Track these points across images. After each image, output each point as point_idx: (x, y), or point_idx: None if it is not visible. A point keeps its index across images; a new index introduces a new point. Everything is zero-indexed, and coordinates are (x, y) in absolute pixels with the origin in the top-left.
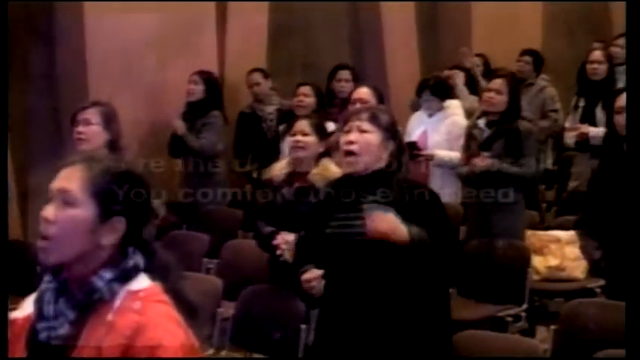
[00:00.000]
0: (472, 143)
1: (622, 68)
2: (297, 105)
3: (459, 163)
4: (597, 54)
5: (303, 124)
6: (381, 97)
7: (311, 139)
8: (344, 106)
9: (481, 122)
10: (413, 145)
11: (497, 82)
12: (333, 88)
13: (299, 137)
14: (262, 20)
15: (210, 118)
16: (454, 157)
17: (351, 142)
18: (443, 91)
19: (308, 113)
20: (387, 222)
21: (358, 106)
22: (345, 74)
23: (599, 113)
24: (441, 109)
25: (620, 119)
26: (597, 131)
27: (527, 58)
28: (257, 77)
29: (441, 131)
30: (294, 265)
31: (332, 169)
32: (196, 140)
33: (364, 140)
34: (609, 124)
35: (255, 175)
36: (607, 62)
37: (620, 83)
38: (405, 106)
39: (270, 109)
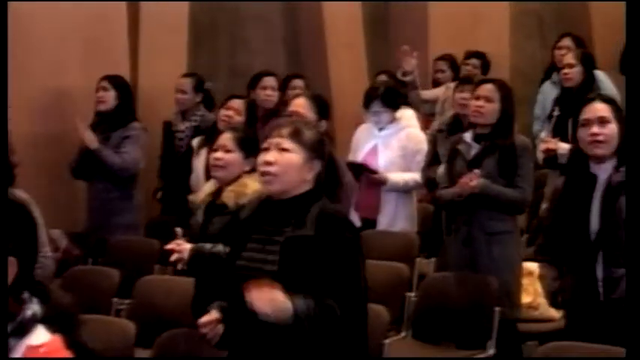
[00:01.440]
0: (458, 161)
1: (599, 75)
2: (222, 120)
3: (416, 184)
4: (568, 56)
5: (225, 139)
6: (322, 109)
7: (233, 156)
8: (267, 120)
9: (467, 136)
10: (361, 168)
11: (487, 89)
12: (255, 97)
13: (219, 154)
14: (182, 17)
15: (130, 131)
16: (410, 180)
17: (268, 163)
18: (395, 100)
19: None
20: (268, 303)
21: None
22: (269, 82)
23: (572, 125)
24: (393, 120)
25: (583, 134)
26: (567, 147)
27: (474, 61)
28: (184, 85)
29: (394, 147)
30: (195, 299)
31: (251, 186)
32: (115, 156)
33: (284, 160)
34: (574, 138)
35: (158, 195)
36: (581, 64)
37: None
38: (350, 116)
39: (183, 127)
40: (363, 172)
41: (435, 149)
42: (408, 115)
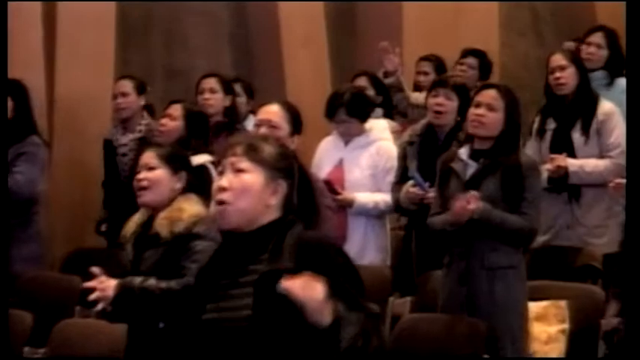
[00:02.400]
0: (452, 182)
1: (598, 74)
2: (158, 130)
3: (388, 207)
4: (556, 58)
5: (147, 157)
6: (297, 122)
7: (158, 173)
8: (219, 133)
9: (463, 152)
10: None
11: (490, 95)
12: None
13: (142, 174)
14: (108, 12)
15: (27, 146)
16: (381, 202)
17: (221, 189)
18: (363, 108)
19: (171, 141)
20: (314, 293)
21: (263, 130)
22: (208, 84)
23: (578, 138)
24: (361, 132)
25: None
26: (579, 164)
27: (470, 60)
28: (126, 87)
29: (362, 164)
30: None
31: (188, 210)
32: (8, 175)
33: (239, 184)
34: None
35: (103, 228)
36: (574, 65)
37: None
38: (310, 127)
39: (126, 140)
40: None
41: (404, 164)
42: (379, 127)
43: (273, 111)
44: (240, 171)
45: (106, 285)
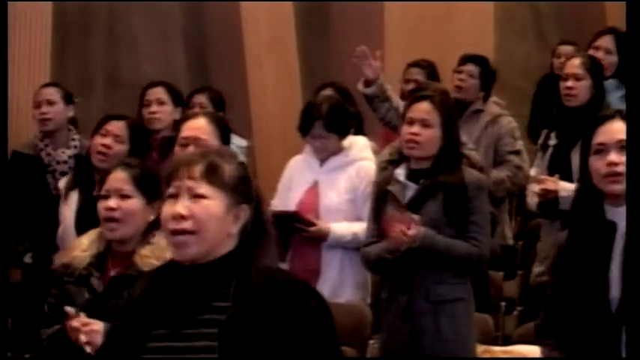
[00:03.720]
0: (389, 207)
1: (610, 83)
2: (97, 152)
3: (369, 238)
4: (574, 64)
5: (118, 180)
6: (224, 130)
7: (133, 203)
8: (165, 150)
9: (400, 173)
10: (293, 218)
11: (422, 109)
12: (142, 116)
13: (113, 202)
14: (44, 12)
15: None
16: (361, 232)
17: (180, 217)
18: (343, 122)
19: (113, 163)
20: None
21: (191, 149)
22: (154, 94)
23: (577, 159)
24: (339, 151)
25: (597, 164)
26: (572, 188)
27: (471, 67)
28: (52, 94)
29: (340, 187)
30: None
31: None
32: None
33: (201, 212)
34: (582, 173)
35: (28, 259)
36: (590, 77)
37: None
38: (276, 143)
39: (64, 156)
40: (294, 224)
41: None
42: (359, 144)
43: (199, 126)
44: (197, 196)
45: (91, 329)
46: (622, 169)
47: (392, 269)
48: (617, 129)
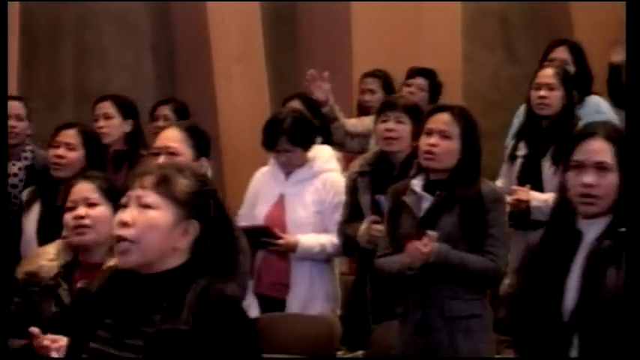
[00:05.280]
0: (404, 218)
1: (595, 100)
2: (52, 163)
3: (337, 250)
4: (547, 74)
5: (84, 190)
6: (201, 144)
7: (101, 210)
8: (119, 164)
9: (417, 184)
10: (262, 232)
11: (442, 120)
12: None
13: (82, 210)
14: (12, 26)
15: None
16: (329, 243)
17: (123, 224)
18: (308, 134)
19: (70, 171)
20: None
21: (162, 160)
22: (103, 108)
23: (548, 168)
24: (304, 163)
25: (574, 181)
26: (544, 198)
27: (420, 81)
28: (18, 109)
29: (306, 200)
30: None
31: None
32: None
33: (144, 221)
34: (562, 185)
35: None
36: (563, 88)
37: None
38: (244, 156)
39: (14, 169)
40: (262, 238)
41: (355, 198)
42: (324, 155)
43: (170, 136)
44: (146, 207)
45: (60, 346)
46: (596, 192)
47: (408, 283)
48: (596, 149)
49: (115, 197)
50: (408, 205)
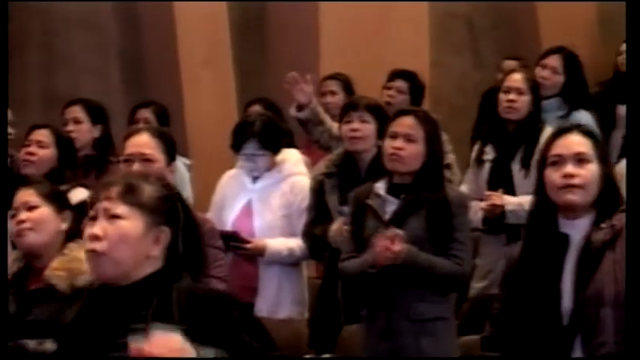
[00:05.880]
0: (369, 221)
1: (552, 102)
2: (24, 160)
3: (305, 254)
4: (517, 78)
5: (25, 195)
6: (169, 146)
7: (42, 212)
8: (88, 169)
9: (381, 187)
10: (230, 237)
11: (406, 123)
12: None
13: (23, 214)
14: None
15: None
16: (297, 247)
17: (94, 237)
18: (276, 139)
19: (38, 176)
20: (168, 346)
21: (136, 166)
22: (73, 112)
23: (518, 172)
24: (272, 166)
25: (553, 176)
26: (518, 201)
27: (400, 83)
28: None
29: (274, 204)
30: None
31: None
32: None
33: (114, 232)
34: (537, 186)
35: None
36: (531, 92)
37: (549, 127)
38: (212, 160)
39: None
40: (231, 243)
41: (321, 200)
42: (292, 158)
43: (143, 142)
44: (115, 217)
45: None
46: (578, 181)
47: (373, 285)
48: (575, 142)
49: (56, 197)
50: (372, 208)
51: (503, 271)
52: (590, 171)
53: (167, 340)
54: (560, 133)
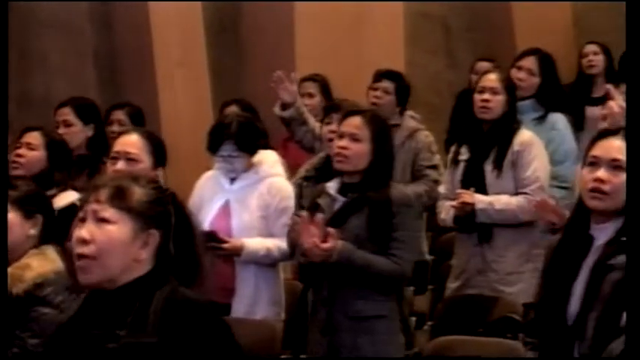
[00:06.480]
0: (303, 218)
1: (528, 104)
2: (13, 162)
3: (282, 254)
4: (491, 78)
5: None
6: (159, 153)
7: (8, 217)
8: (80, 169)
9: (332, 187)
10: (208, 237)
11: (353, 124)
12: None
13: None
14: None
15: None
16: (274, 247)
17: (82, 241)
18: (253, 140)
19: (31, 174)
20: None
21: (119, 166)
22: (63, 115)
23: (490, 172)
24: (249, 168)
25: (587, 177)
26: (488, 200)
27: (386, 84)
28: None
29: (251, 205)
30: None
31: (36, 268)
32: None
33: (103, 237)
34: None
35: None
36: (506, 93)
37: (525, 128)
38: (188, 161)
39: None
40: (208, 243)
41: (301, 203)
42: (269, 160)
43: (130, 142)
44: (103, 221)
45: None
46: (607, 187)
47: (315, 282)
48: (614, 146)
49: (27, 204)
50: (322, 207)
51: (545, 259)
52: (622, 180)
53: None
54: (605, 134)
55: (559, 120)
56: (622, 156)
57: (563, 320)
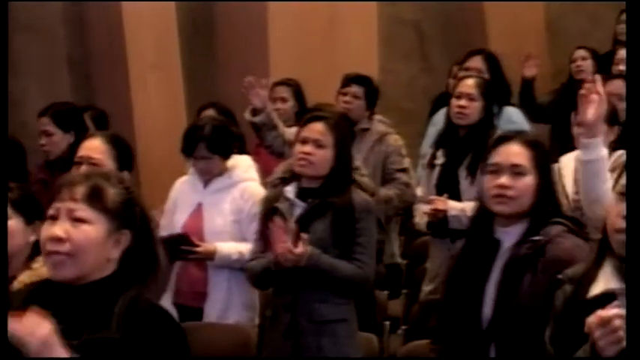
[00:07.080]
0: (275, 224)
1: (509, 111)
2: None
3: (254, 254)
4: (469, 84)
5: None
6: (124, 156)
7: (10, 224)
8: (55, 170)
9: (290, 191)
10: (180, 240)
11: (316, 129)
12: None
13: None
14: None
15: None
16: (247, 251)
17: (56, 239)
18: (227, 143)
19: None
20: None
21: (83, 169)
22: (42, 125)
23: (464, 178)
24: (223, 172)
25: (489, 183)
26: (461, 207)
27: (355, 89)
28: None
29: (224, 209)
30: None
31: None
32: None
33: (79, 236)
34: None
35: None
36: (482, 99)
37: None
38: (161, 165)
39: None
40: (180, 247)
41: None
42: (243, 164)
43: (93, 146)
44: (78, 220)
45: None
46: (511, 193)
47: (277, 287)
48: (513, 152)
49: (27, 208)
50: (280, 211)
51: (446, 267)
52: (525, 183)
53: (37, 325)
54: (501, 140)
55: (514, 113)
56: (521, 160)
57: (477, 323)
